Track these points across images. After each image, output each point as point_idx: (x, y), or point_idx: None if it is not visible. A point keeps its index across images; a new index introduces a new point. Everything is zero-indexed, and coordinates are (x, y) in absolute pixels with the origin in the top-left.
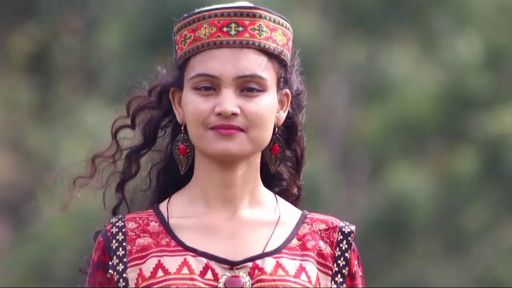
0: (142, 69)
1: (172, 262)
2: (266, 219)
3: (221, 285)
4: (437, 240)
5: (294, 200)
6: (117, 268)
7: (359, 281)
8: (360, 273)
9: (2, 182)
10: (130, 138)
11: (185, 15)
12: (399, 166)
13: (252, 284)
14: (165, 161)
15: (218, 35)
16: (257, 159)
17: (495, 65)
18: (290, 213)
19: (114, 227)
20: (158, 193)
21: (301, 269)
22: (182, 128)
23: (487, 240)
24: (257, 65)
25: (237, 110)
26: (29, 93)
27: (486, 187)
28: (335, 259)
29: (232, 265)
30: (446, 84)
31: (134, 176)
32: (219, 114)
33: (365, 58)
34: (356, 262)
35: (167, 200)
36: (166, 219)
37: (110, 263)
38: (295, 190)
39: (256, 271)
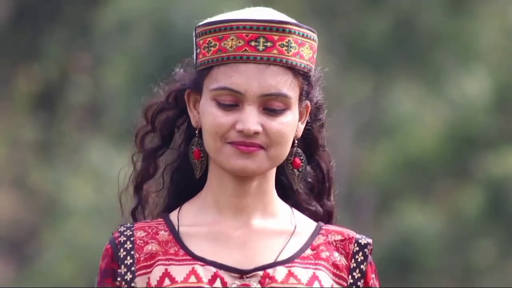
0: None
1: (179, 271)
2: (279, 229)
3: None
4: (444, 277)
5: (327, 221)
6: (125, 277)
7: None
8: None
9: (6, 219)
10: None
11: (210, 20)
12: (405, 203)
13: None
14: (178, 160)
15: (245, 49)
16: (272, 171)
17: (501, 105)
18: (305, 225)
19: (122, 236)
20: (172, 194)
21: (314, 277)
22: (197, 132)
23: (494, 277)
24: (283, 83)
25: (260, 129)
26: (33, 131)
27: (492, 225)
28: (350, 270)
29: (242, 273)
30: (452, 123)
31: (152, 177)
32: (240, 131)
33: (370, 96)
34: (373, 276)
35: (178, 209)
36: (176, 228)
37: (119, 271)
38: (313, 207)
39: (267, 279)
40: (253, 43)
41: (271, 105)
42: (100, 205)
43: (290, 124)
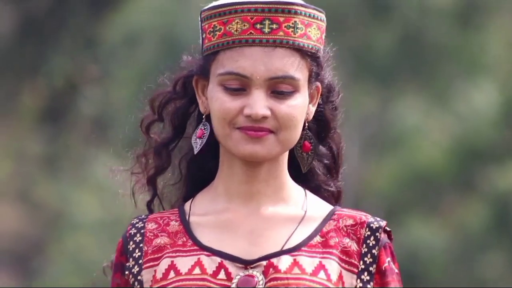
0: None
1: (184, 263)
2: (289, 215)
3: (234, 285)
4: None
5: (334, 202)
6: (132, 270)
7: (391, 278)
8: (396, 270)
9: (11, 233)
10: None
11: (215, 4)
12: (411, 217)
13: (265, 283)
14: (193, 151)
15: (250, 32)
16: (283, 156)
17: (508, 119)
18: (318, 210)
19: (133, 228)
20: (189, 184)
21: (320, 267)
22: (204, 117)
23: None
24: (290, 65)
25: (268, 113)
26: (38, 144)
27: (498, 239)
28: (361, 256)
29: (246, 264)
30: (459, 136)
31: (166, 170)
32: (248, 116)
33: (377, 109)
34: (388, 259)
35: (192, 198)
36: (187, 217)
37: (127, 264)
38: (333, 188)
39: (271, 269)
40: (258, 26)
41: (278, 88)
42: (105, 219)
43: (300, 106)
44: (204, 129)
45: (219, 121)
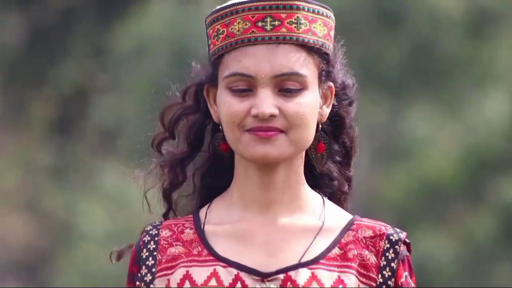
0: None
1: (200, 273)
2: (307, 226)
3: None
4: None
5: (344, 196)
6: (145, 278)
7: None
8: (413, 285)
9: (19, 243)
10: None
11: (217, 7)
12: (420, 228)
13: None
14: (208, 163)
15: (252, 31)
16: (299, 160)
17: None
18: (336, 220)
19: (147, 236)
20: (203, 197)
21: (339, 281)
22: (220, 127)
23: None
24: (296, 61)
25: (276, 111)
26: (47, 155)
27: (507, 250)
28: (380, 269)
29: (263, 277)
30: (469, 147)
31: (181, 185)
32: (256, 116)
33: (387, 119)
34: (406, 274)
35: (207, 205)
36: (202, 226)
37: (139, 274)
38: (346, 187)
39: (288, 283)
40: (260, 24)
41: (285, 85)
42: (113, 230)
43: (310, 104)
44: (226, 143)
45: (229, 125)
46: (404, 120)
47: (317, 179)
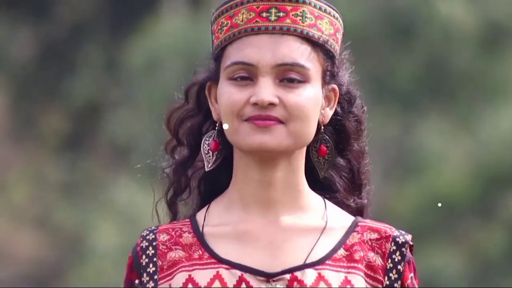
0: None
1: (203, 276)
2: (310, 226)
3: None
4: None
5: (349, 211)
6: (147, 286)
7: None
8: (417, 286)
9: (30, 259)
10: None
11: (223, 1)
12: (432, 243)
13: None
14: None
15: (256, 21)
16: (299, 160)
17: None
18: (339, 220)
19: (144, 241)
20: (200, 202)
21: (346, 282)
22: (218, 124)
23: None
24: (299, 53)
25: (275, 100)
26: (58, 170)
27: None
28: (386, 271)
29: (269, 277)
30: (481, 162)
31: (185, 189)
32: (255, 104)
33: (399, 134)
34: (411, 275)
35: (205, 208)
36: (201, 229)
37: (137, 281)
38: (353, 204)
39: (295, 283)
40: (264, 14)
41: (287, 75)
42: (125, 245)
43: (311, 98)
44: (220, 142)
45: (227, 116)
46: (416, 134)
47: (319, 189)
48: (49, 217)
